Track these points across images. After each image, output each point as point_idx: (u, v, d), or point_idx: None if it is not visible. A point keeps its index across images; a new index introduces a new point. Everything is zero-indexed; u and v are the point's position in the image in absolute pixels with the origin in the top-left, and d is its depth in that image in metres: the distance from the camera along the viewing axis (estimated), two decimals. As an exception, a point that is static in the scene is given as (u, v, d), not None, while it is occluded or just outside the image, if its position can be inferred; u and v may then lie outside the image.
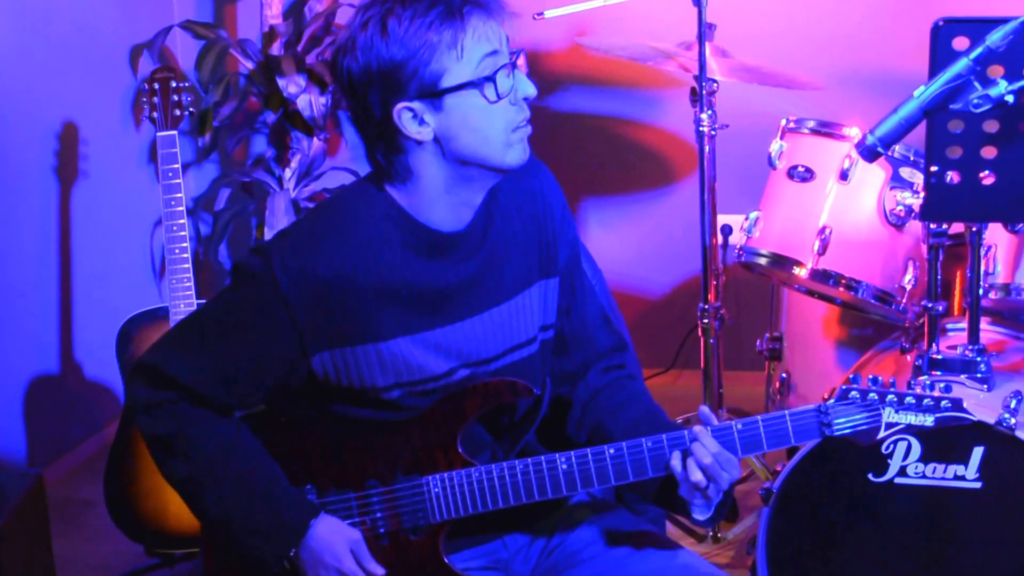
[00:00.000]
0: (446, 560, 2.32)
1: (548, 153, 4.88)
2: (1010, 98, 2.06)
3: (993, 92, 2.05)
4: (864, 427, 2.24)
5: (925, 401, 2.23)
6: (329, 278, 2.22)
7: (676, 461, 2.23)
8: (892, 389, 2.24)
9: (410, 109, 2.15)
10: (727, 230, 3.80)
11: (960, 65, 2.06)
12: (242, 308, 2.27)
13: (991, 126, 2.34)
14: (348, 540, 2.31)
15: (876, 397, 2.23)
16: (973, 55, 2.05)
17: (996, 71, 2.20)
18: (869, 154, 2.13)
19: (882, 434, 2.24)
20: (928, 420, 2.23)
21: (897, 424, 2.23)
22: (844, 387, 2.24)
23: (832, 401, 2.24)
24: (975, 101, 2.05)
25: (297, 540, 2.29)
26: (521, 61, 2.20)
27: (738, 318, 4.54)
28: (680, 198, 4.96)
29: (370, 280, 2.23)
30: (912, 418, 2.23)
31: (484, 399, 2.31)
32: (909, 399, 2.23)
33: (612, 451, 2.26)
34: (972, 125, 2.33)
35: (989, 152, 2.36)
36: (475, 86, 2.15)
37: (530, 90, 2.20)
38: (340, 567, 2.29)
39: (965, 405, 2.24)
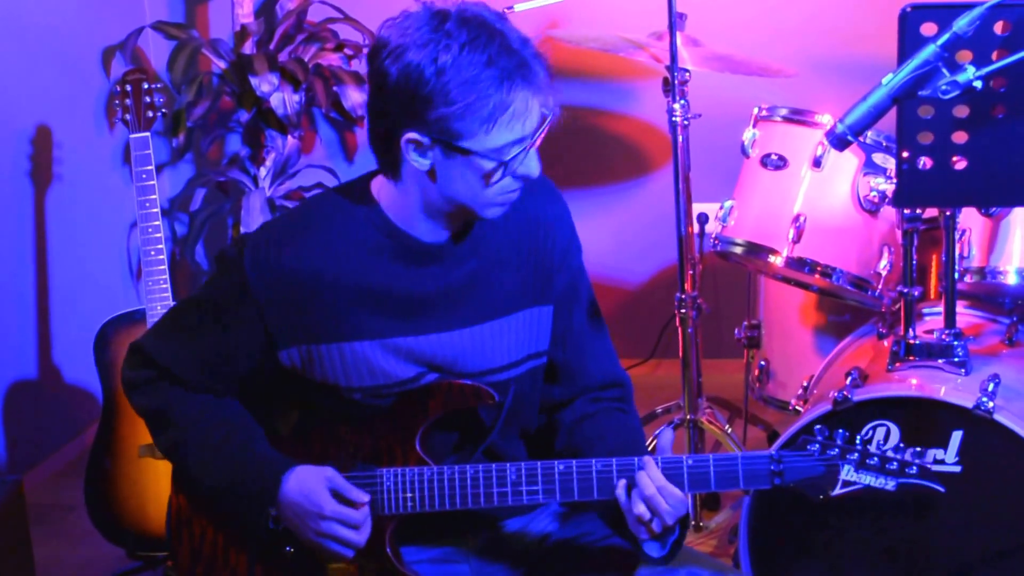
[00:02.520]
0: (388, 551, 2.32)
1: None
2: (978, 84, 2.06)
3: (961, 78, 2.05)
4: (816, 481, 2.19)
5: (889, 464, 2.18)
6: (299, 272, 2.24)
7: (621, 490, 2.21)
8: (856, 447, 2.18)
9: (419, 140, 2.14)
10: (703, 219, 3.81)
11: (927, 52, 2.06)
12: (216, 296, 2.35)
13: (961, 111, 2.34)
14: (323, 480, 2.30)
15: (837, 452, 2.18)
16: (940, 41, 2.05)
17: (965, 56, 2.20)
18: (839, 142, 2.13)
19: (836, 491, 2.19)
20: (889, 484, 2.18)
21: (855, 484, 2.18)
22: (804, 437, 2.19)
23: (787, 450, 2.20)
24: (943, 87, 2.05)
25: (272, 497, 2.30)
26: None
27: (716, 307, 4.54)
28: (656, 188, 4.96)
29: (342, 279, 2.24)
30: (871, 479, 2.18)
31: (447, 400, 2.32)
32: (873, 460, 2.17)
33: (561, 467, 2.24)
34: (942, 111, 2.33)
35: (960, 137, 2.36)
36: (489, 160, 2.14)
37: (534, 172, 2.19)
38: (322, 511, 2.28)
39: (934, 469, 2.20)
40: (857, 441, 2.18)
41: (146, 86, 3.74)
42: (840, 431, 2.20)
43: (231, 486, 2.35)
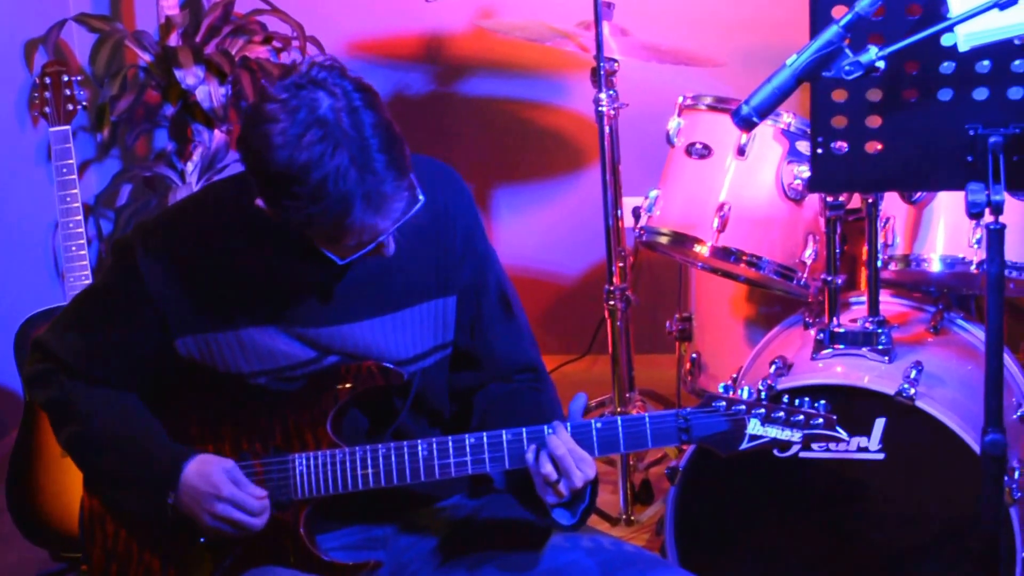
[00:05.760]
0: (302, 532, 2.34)
1: (455, 139, 4.91)
2: (881, 64, 2.06)
3: (864, 58, 2.04)
4: (724, 437, 2.24)
5: (795, 416, 2.24)
6: (190, 261, 2.25)
7: (530, 454, 2.24)
8: (762, 402, 2.24)
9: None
10: (638, 212, 3.78)
11: (830, 32, 2.05)
12: (110, 286, 2.37)
13: (874, 95, 2.32)
14: (222, 468, 2.32)
15: (743, 408, 2.24)
16: (843, 22, 2.04)
17: (877, 40, 2.20)
18: (744, 123, 2.12)
19: (744, 445, 2.24)
20: (795, 436, 2.24)
21: (762, 437, 2.24)
22: (709, 395, 2.25)
23: (693, 408, 2.25)
24: (847, 68, 2.04)
25: (173, 484, 2.31)
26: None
27: (651, 302, 4.52)
28: (590, 181, 4.92)
29: (238, 268, 2.24)
30: (777, 432, 2.24)
31: (356, 381, 2.33)
32: (779, 413, 2.23)
33: (472, 440, 2.27)
34: (855, 95, 2.32)
35: (874, 121, 2.35)
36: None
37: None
38: (219, 493, 2.30)
39: (838, 425, 2.26)
40: (762, 396, 2.24)
41: (66, 78, 3.71)
42: (747, 388, 2.25)
43: (131, 476, 2.35)
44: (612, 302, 3.80)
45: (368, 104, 2.09)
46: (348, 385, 2.33)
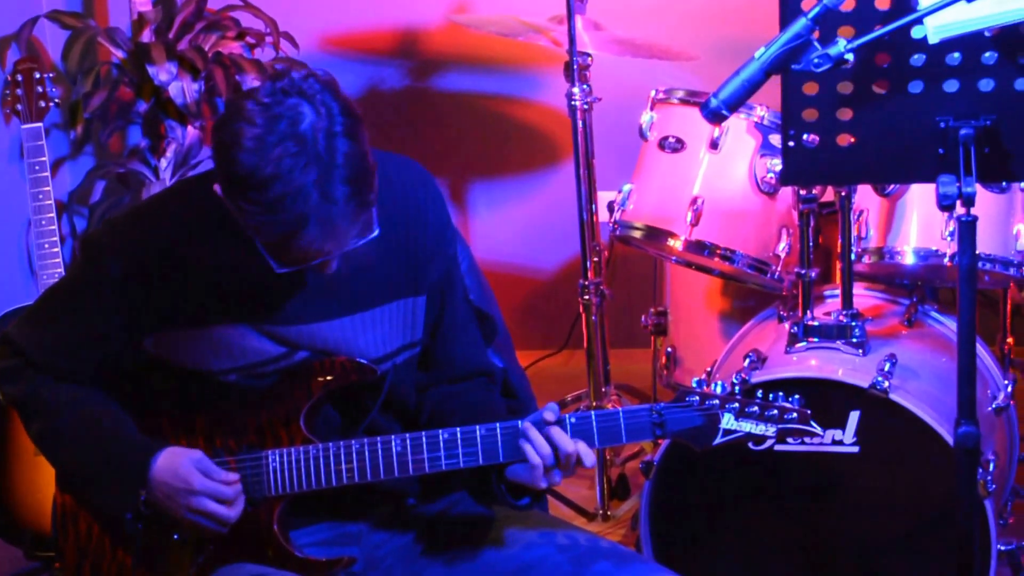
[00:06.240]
0: (276, 529, 2.33)
1: (429, 135, 4.90)
2: (850, 56, 2.05)
3: (833, 51, 2.04)
4: (698, 432, 2.24)
5: (769, 411, 2.24)
6: (158, 257, 2.24)
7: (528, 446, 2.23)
8: (736, 397, 2.24)
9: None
10: (613, 206, 3.77)
11: (799, 25, 2.05)
12: (79, 282, 2.36)
13: (845, 87, 2.32)
14: (190, 460, 2.31)
15: (717, 403, 2.23)
16: (811, 14, 2.04)
17: (847, 32, 2.20)
18: (713, 116, 2.12)
19: (718, 440, 2.24)
20: (770, 430, 2.24)
21: (736, 432, 2.24)
22: (683, 390, 2.25)
23: (667, 403, 2.25)
24: (815, 60, 2.04)
25: (143, 480, 2.30)
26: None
27: (628, 296, 4.52)
28: (564, 176, 4.91)
29: (207, 265, 2.23)
30: (751, 427, 2.24)
31: (329, 377, 2.33)
32: (753, 408, 2.23)
33: (445, 436, 2.27)
34: (826, 87, 2.31)
35: (845, 114, 2.34)
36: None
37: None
38: (190, 487, 2.29)
39: (812, 419, 2.26)
40: (736, 391, 2.24)
41: (38, 75, 3.69)
42: (720, 383, 2.25)
43: (101, 472, 2.34)
44: (587, 297, 3.80)
45: (348, 131, 2.06)
46: (321, 381, 2.32)
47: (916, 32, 2.22)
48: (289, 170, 2.02)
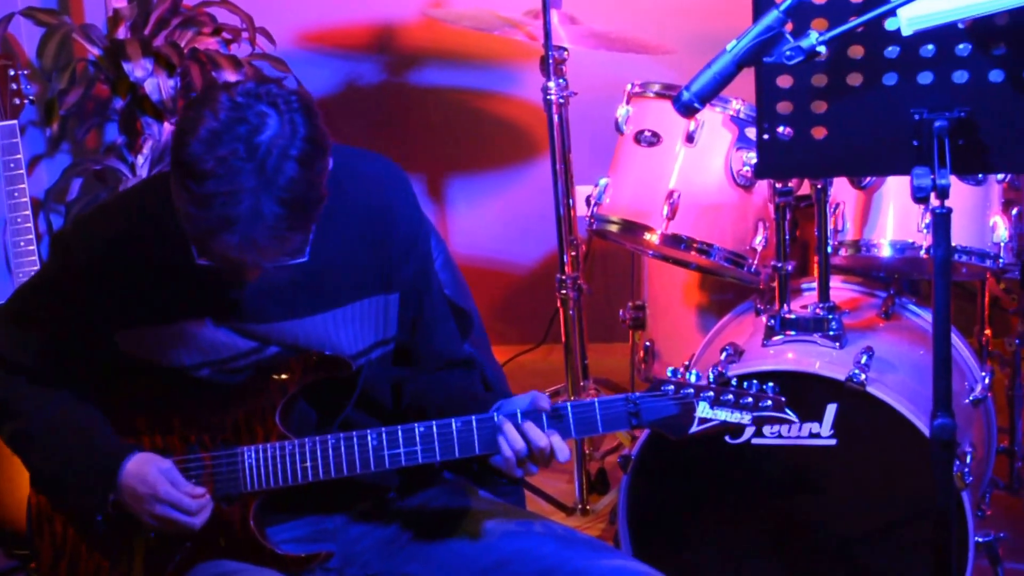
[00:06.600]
0: (252, 524, 2.33)
1: (406, 129, 4.89)
2: (823, 49, 2.05)
3: (805, 43, 2.04)
4: (674, 420, 2.25)
5: (744, 399, 2.25)
6: (126, 254, 2.24)
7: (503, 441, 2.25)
8: (711, 385, 2.25)
9: None
10: (590, 200, 3.77)
11: (770, 17, 2.05)
12: (49, 280, 2.36)
13: (819, 80, 2.31)
14: (158, 469, 2.30)
15: (692, 391, 2.25)
16: (783, 7, 2.04)
17: (820, 24, 2.19)
18: (685, 109, 2.11)
19: (694, 428, 2.25)
20: (745, 418, 2.26)
21: (711, 420, 2.25)
22: (658, 379, 2.27)
23: (643, 392, 2.27)
24: (788, 53, 2.04)
25: (112, 484, 2.30)
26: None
27: (606, 291, 4.52)
28: (542, 169, 4.89)
29: (177, 263, 2.21)
30: (727, 415, 2.25)
31: (304, 372, 2.33)
32: (728, 396, 2.24)
33: (421, 429, 2.27)
34: (800, 80, 2.31)
35: (819, 107, 2.34)
36: None
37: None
38: (156, 493, 2.28)
39: (787, 406, 2.27)
40: (711, 379, 2.25)
41: (12, 73, 3.66)
42: (695, 372, 2.26)
43: (72, 475, 2.34)
44: (564, 291, 3.79)
45: (304, 156, 2.04)
46: (296, 376, 2.32)
47: (890, 24, 2.21)
48: (227, 173, 2.01)
